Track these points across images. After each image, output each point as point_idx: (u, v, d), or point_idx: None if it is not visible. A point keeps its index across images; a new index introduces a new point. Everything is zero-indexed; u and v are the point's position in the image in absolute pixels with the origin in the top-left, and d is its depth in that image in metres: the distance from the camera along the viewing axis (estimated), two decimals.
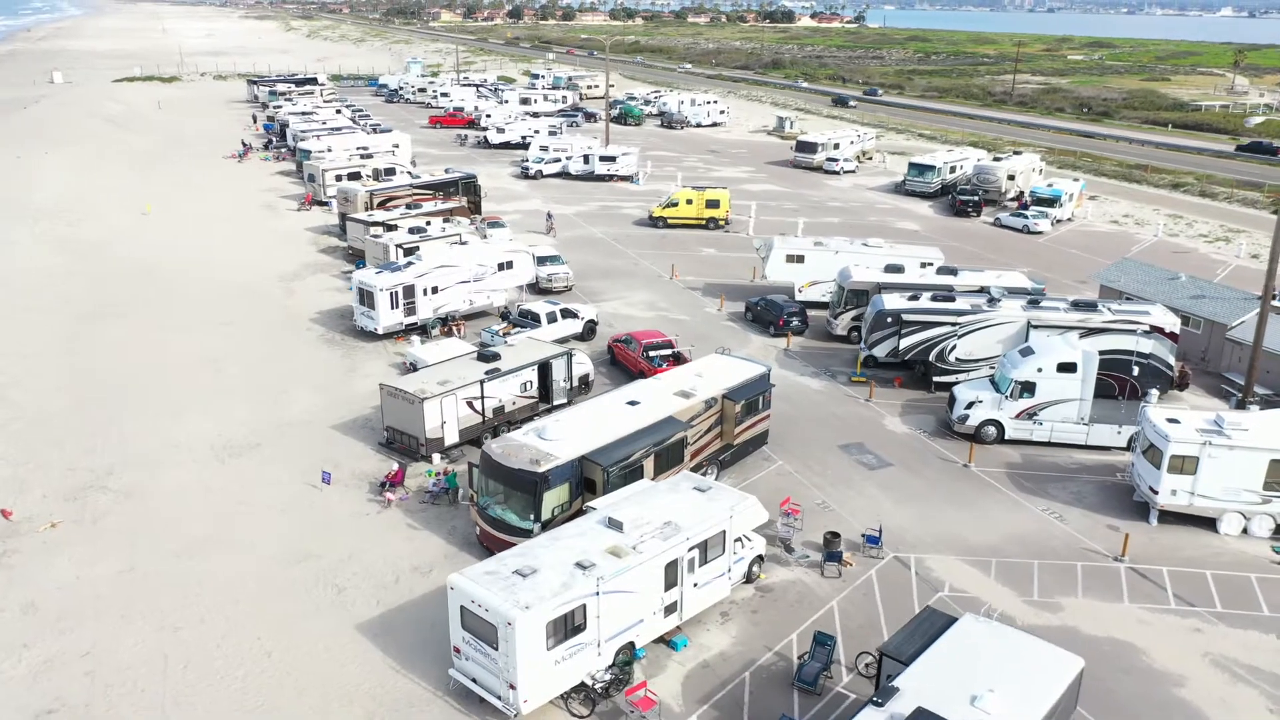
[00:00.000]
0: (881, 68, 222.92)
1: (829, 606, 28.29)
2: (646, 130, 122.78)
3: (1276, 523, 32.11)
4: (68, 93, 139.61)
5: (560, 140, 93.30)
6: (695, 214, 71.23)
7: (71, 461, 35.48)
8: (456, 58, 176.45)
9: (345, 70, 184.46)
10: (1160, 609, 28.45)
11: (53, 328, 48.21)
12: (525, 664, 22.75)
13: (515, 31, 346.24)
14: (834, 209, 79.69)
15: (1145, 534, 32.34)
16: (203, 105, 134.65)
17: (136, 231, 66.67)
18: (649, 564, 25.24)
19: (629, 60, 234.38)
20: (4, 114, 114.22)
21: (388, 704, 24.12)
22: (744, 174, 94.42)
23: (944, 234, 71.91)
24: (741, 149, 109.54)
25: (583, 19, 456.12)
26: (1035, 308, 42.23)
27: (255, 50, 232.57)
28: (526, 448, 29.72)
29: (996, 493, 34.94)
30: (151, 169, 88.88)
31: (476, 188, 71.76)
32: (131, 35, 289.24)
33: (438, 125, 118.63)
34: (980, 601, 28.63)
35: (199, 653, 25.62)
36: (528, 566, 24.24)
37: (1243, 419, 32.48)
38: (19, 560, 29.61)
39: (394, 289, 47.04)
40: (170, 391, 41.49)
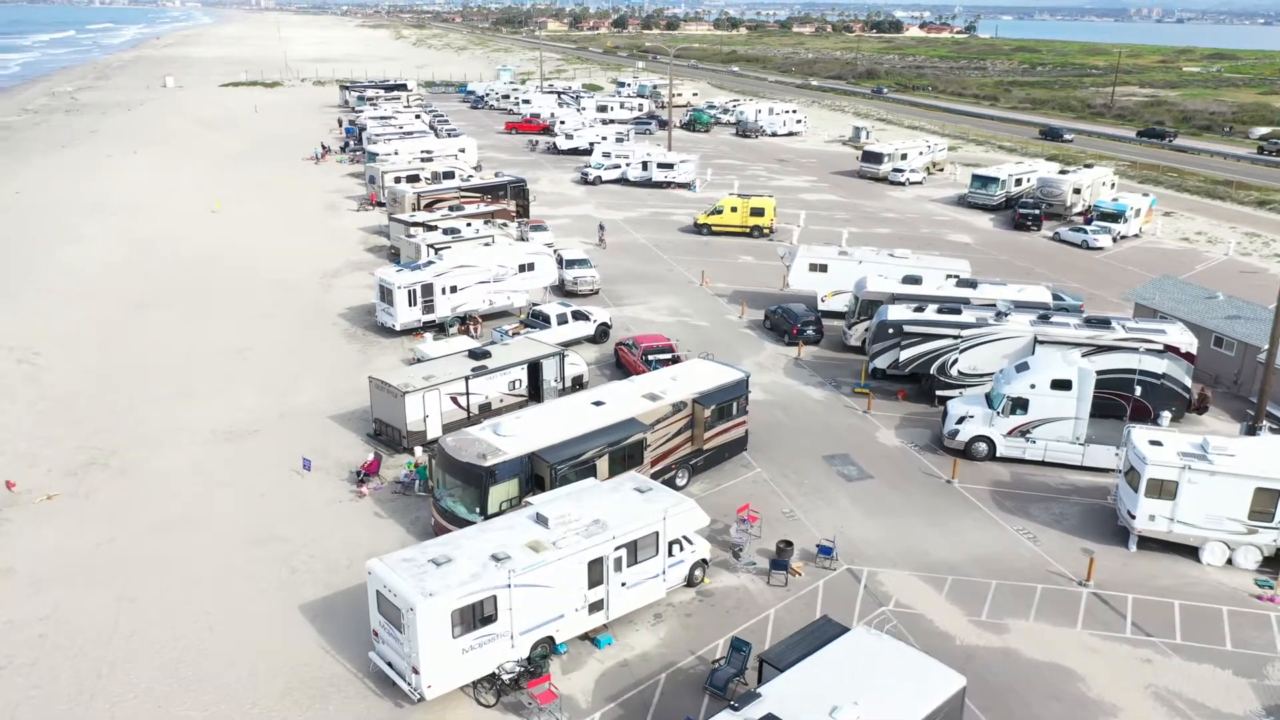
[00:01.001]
0: (980, 79, 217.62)
1: (765, 615, 28.06)
2: (716, 138, 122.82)
3: (1264, 555, 30.47)
4: (173, 96, 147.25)
5: (623, 147, 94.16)
6: (740, 222, 71.05)
7: (82, 440, 37.65)
8: (542, 66, 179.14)
9: (440, 77, 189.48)
10: (1113, 637, 27.35)
11: (99, 316, 51.08)
12: (428, 649, 23.29)
13: (616, 41, 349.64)
14: (888, 220, 78.40)
15: (1120, 560, 31.10)
16: (297, 109, 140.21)
17: (201, 228, 70.02)
18: (569, 560, 25.52)
19: (721, 69, 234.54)
20: (109, 115, 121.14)
21: (309, 682, 24.97)
22: (805, 183, 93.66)
23: (998, 248, 70.08)
24: (811, 159, 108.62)
25: (686, 28, 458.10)
26: (1044, 323, 40.94)
27: (362, 57, 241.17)
28: (477, 442, 30.35)
29: (974, 510, 34.04)
30: (232, 169, 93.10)
31: (525, 191, 73.08)
32: (249, 43, 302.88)
33: (513, 131, 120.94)
34: (924, 618, 28.01)
35: (147, 622, 26.96)
36: (444, 556, 24.81)
37: (1229, 444, 30.92)
38: (11, 528, 31.62)
39: (412, 287, 48.38)
40: (190, 378, 43.58)
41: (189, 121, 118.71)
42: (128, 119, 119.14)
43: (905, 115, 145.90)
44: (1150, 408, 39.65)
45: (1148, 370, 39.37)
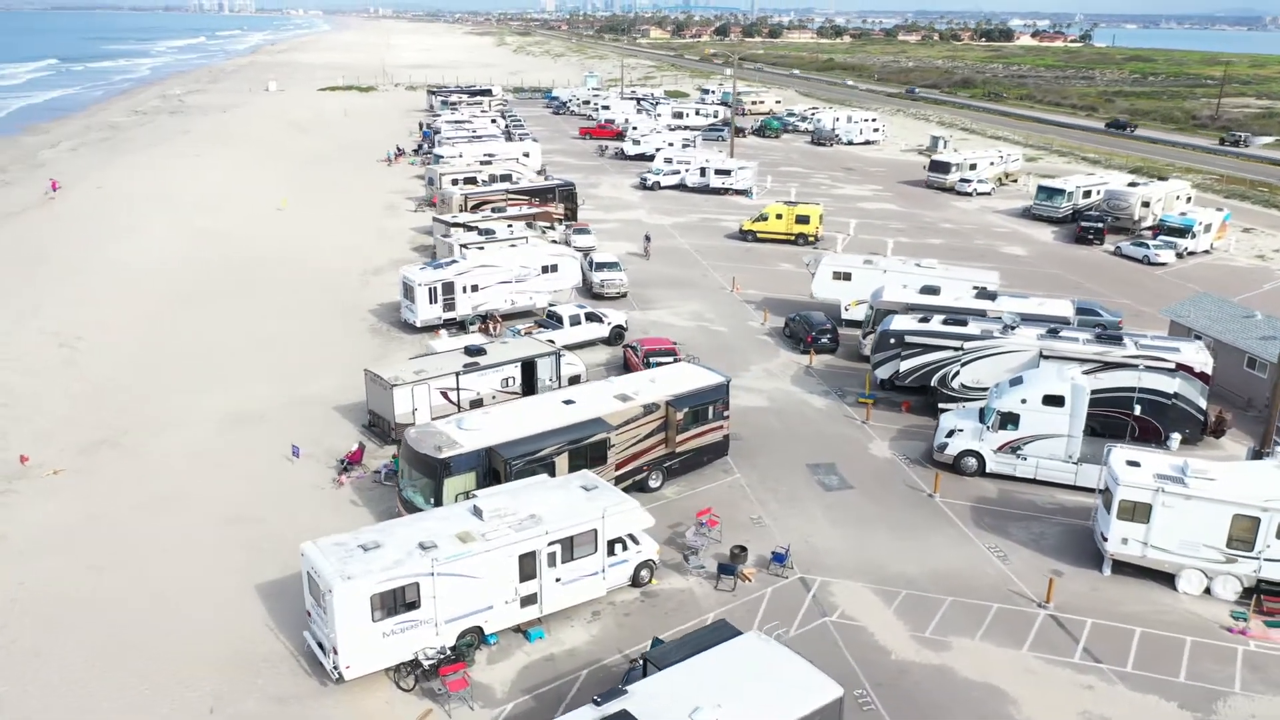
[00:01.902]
0: (1084, 88, 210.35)
1: (704, 618, 27.96)
2: (788, 146, 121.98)
3: (1243, 586, 28.97)
4: (272, 100, 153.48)
5: (685, 153, 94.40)
6: (785, 229, 70.54)
7: (100, 421, 39.81)
8: (624, 72, 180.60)
9: (532, 83, 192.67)
10: (1058, 661, 26.42)
11: (146, 305, 53.81)
12: (346, 631, 24.04)
13: (715, 49, 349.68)
14: (944, 231, 76.72)
15: (1091, 583, 29.98)
16: (385, 113, 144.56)
17: (263, 224, 73.00)
18: (498, 552, 25.96)
19: (814, 77, 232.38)
20: (206, 117, 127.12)
21: (246, 657, 25.98)
22: (867, 192, 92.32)
23: (1052, 261, 67.93)
24: (882, 167, 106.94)
25: (789, 36, 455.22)
26: (1052, 337, 39.65)
27: (461, 63, 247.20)
28: (437, 435, 31.09)
29: (949, 526, 33.23)
30: (308, 169, 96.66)
31: (573, 195, 73.98)
32: (358, 49, 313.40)
33: (587, 136, 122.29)
34: (865, 631, 27.56)
35: (106, 591, 28.43)
36: (374, 541, 25.55)
37: (1211, 468, 29.49)
38: (15, 499, 33.71)
39: (433, 285, 49.62)
40: (214, 366, 45.57)
41: (278, 123, 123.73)
42: (221, 120, 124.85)
43: (990, 125, 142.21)
44: (1160, 428, 38.05)
45: (1156, 389, 37.77)
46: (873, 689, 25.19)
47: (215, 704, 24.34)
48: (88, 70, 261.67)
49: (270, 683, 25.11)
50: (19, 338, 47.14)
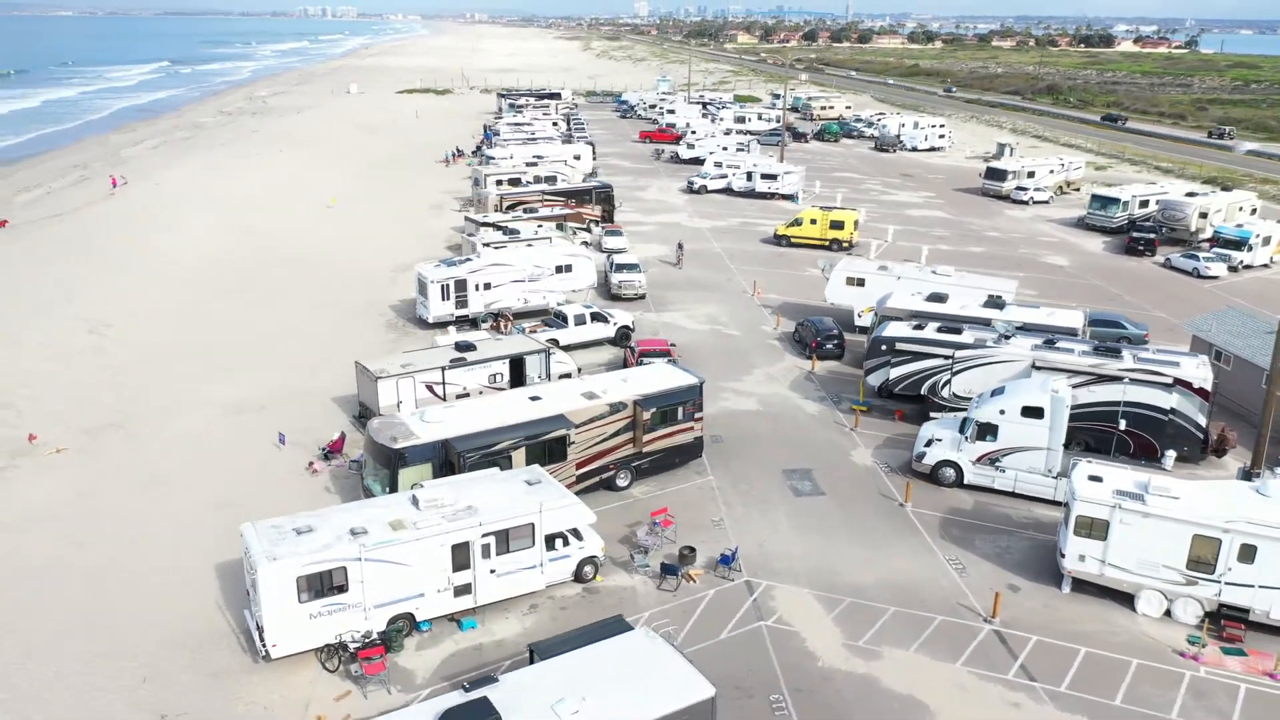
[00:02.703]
0: (1177, 96, 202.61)
1: (639, 617, 28.05)
2: (850, 151, 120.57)
3: (1205, 609, 27.82)
4: (350, 102, 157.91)
5: (735, 157, 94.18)
6: (819, 234, 69.88)
7: (112, 405, 41.75)
8: (690, 76, 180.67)
9: (612, 87, 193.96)
10: (991, 677, 25.78)
11: (180, 299, 56.07)
12: (272, 611, 24.87)
13: (799, 54, 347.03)
14: (987, 239, 75.02)
15: (1046, 600, 29.16)
16: (456, 115, 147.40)
17: (309, 222, 75.32)
18: (429, 542, 26.52)
19: (893, 83, 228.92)
20: (283, 118, 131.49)
21: (191, 634, 27.00)
22: (919, 199, 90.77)
23: (1096, 272, 65.87)
24: (941, 174, 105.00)
25: (879, 41, 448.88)
26: (1047, 348, 38.57)
27: (542, 68, 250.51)
28: (396, 426, 31.85)
29: (913, 536, 32.65)
30: (366, 169, 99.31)
31: (610, 196, 74.52)
32: (445, 54, 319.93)
33: (647, 140, 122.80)
34: (798, 636, 27.33)
35: (79, 565, 29.87)
36: (308, 526, 26.37)
37: (1174, 486, 28.38)
38: (15, 475, 35.64)
39: (445, 282, 50.65)
40: (230, 356, 47.30)
41: (348, 125, 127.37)
42: (294, 121, 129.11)
43: (1064, 132, 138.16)
44: (1156, 445, 36.72)
45: (1151, 405, 36.45)
46: (790, 694, 24.98)
47: (150, 675, 25.41)
48: (194, 73, 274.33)
49: (207, 658, 26.08)
50: (52, 324, 49.69)
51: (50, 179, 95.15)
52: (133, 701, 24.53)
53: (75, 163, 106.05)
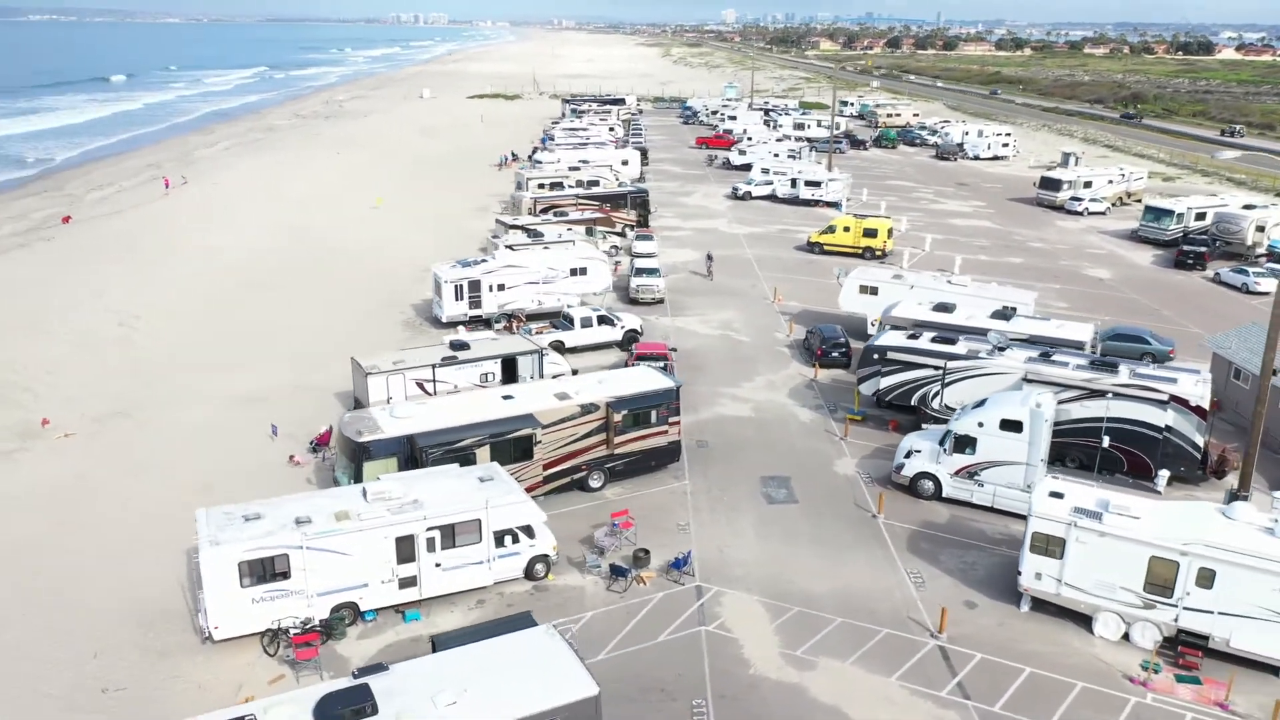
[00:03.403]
0: (1268, 105, 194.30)
1: (581, 617, 28.25)
2: (909, 159, 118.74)
3: (1164, 635, 26.82)
4: (420, 106, 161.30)
5: (784, 164, 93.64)
6: (852, 242, 69.08)
7: (126, 393, 43.51)
8: (753, 82, 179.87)
9: (680, 93, 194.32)
10: (923, 692, 25.27)
11: (213, 295, 58.06)
12: (214, 594, 25.74)
13: (879, 61, 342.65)
14: (1030, 250, 73.16)
15: (1001, 618, 28.44)
16: (520, 120, 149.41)
17: (352, 222, 77.24)
18: (373, 533, 27.11)
19: (970, 90, 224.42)
20: (350, 121, 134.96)
21: (149, 612, 28.01)
22: (968, 208, 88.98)
23: (1140, 286, 63.77)
24: (999, 184, 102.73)
25: (965, 49, 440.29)
26: (1041, 361, 37.58)
27: (616, 74, 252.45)
28: (365, 420, 32.60)
29: (878, 548, 32.14)
30: (421, 171, 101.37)
31: (645, 201, 74.83)
32: (524, 59, 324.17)
33: (704, 146, 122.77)
34: (735, 643, 27.18)
35: (60, 544, 31.19)
36: (257, 513, 27.19)
37: (1135, 505, 27.42)
38: (22, 456, 37.47)
39: (459, 282, 51.53)
40: (247, 351, 48.83)
41: (411, 128, 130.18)
42: (360, 125, 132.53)
43: (1136, 142, 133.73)
44: (1150, 464, 35.49)
45: (1144, 422, 35.25)
46: (714, 700, 24.87)
47: (102, 650, 26.49)
48: (288, 77, 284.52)
49: (158, 637, 27.07)
50: (84, 315, 51.98)
51: (124, 178, 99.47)
52: (80, 674, 25.60)
53: (151, 163, 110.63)
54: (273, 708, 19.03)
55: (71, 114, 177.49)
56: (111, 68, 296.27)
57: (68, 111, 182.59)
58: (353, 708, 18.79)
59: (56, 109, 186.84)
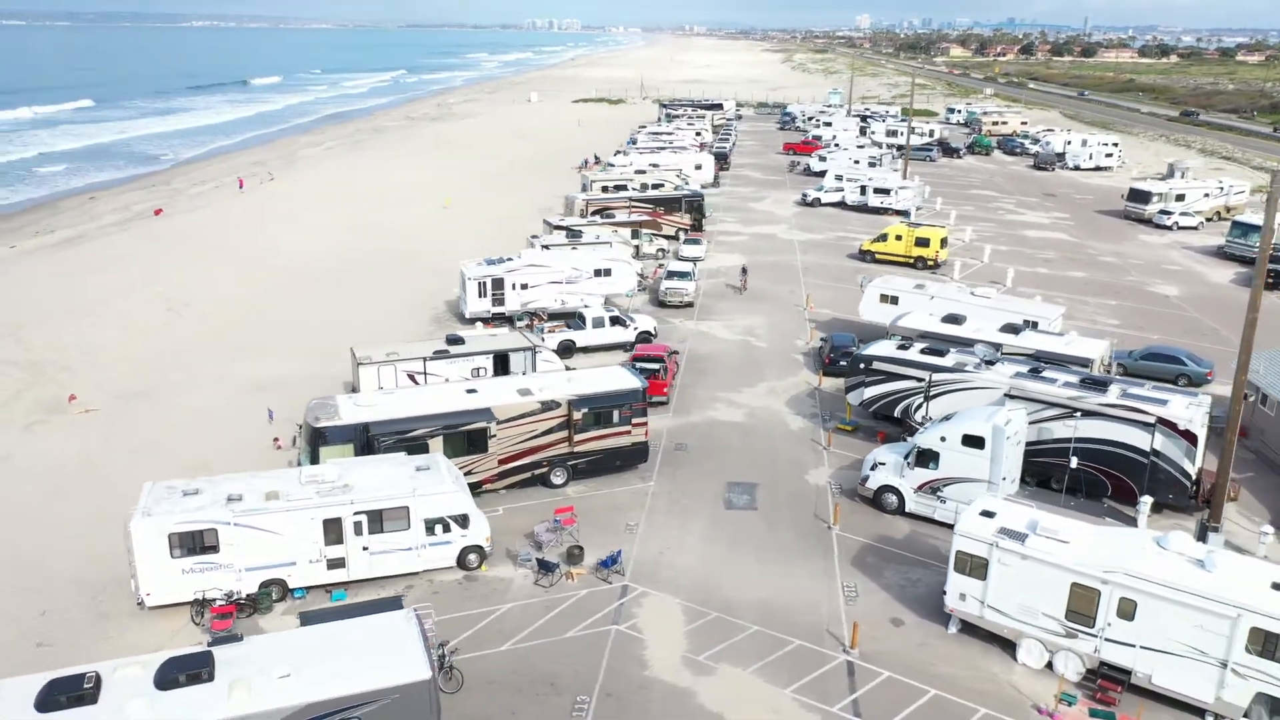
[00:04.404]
0: None
1: (500, 608, 28.71)
2: (999, 168, 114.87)
3: (1086, 666, 25.50)
4: (522, 109, 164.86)
5: (860, 171, 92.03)
6: (904, 251, 67.43)
7: (152, 375, 46.22)
8: (851, 88, 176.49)
9: (786, 98, 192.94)
10: (815, 706, 24.73)
11: (264, 287, 60.95)
12: (144, 563, 27.26)
13: (1006, 68, 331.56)
14: (1100, 264, 69.90)
15: (925, 637, 27.54)
16: (616, 124, 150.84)
17: (418, 221, 79.73)
18: (300, 514, 28.20)
19: (1103, 99, 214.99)
20: (447, 124, 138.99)
21: (102, 578, 29.72)
22: (1048, 219, 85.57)
23: (1206, 305, 60.22)
24: (1090, 195, 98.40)
25: (1105, 55, 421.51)
26: (1028, 377, 36.08)
27: (730, 79, 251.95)
28: (326, 407, 33.84)
29: (822, 559, 31.52)
30: (501, 172, 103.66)
31: (700, 206, 74.80)
32: (643, 64, 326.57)
33: (790, 152, 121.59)
34: (642, 643, 27.16)
35: (48, 510, 33.47)
36: (196, 489, 28.66)
37: (1063, 528, 26.13)
38: (41, 428, 40.31)
39: (483, 279, 52.76)
40: (278, 340, 51.13)
41: (505, 131, 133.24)
42: (458, 127, 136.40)
43: (1258, 154, 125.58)
44: (1135, 489, 33.68)
45: (1129, 445, 33.48)
46: (600, 698, 24.95)
47: (51, 609, 28.40)
48: (419, 81, 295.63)
49: (105, 601, 28.82)
50: (136, 301, 55.35)
51: (226, 175, 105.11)
52: (25, 629, 27.51)
53: (256, 161, 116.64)
54: (121, 668, 20.13)
55: (209, 115, 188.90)
56: (260, 71, 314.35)
57: (205, 112, 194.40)
58: (189, 673, 19.73)
59: (194, 109, 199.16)
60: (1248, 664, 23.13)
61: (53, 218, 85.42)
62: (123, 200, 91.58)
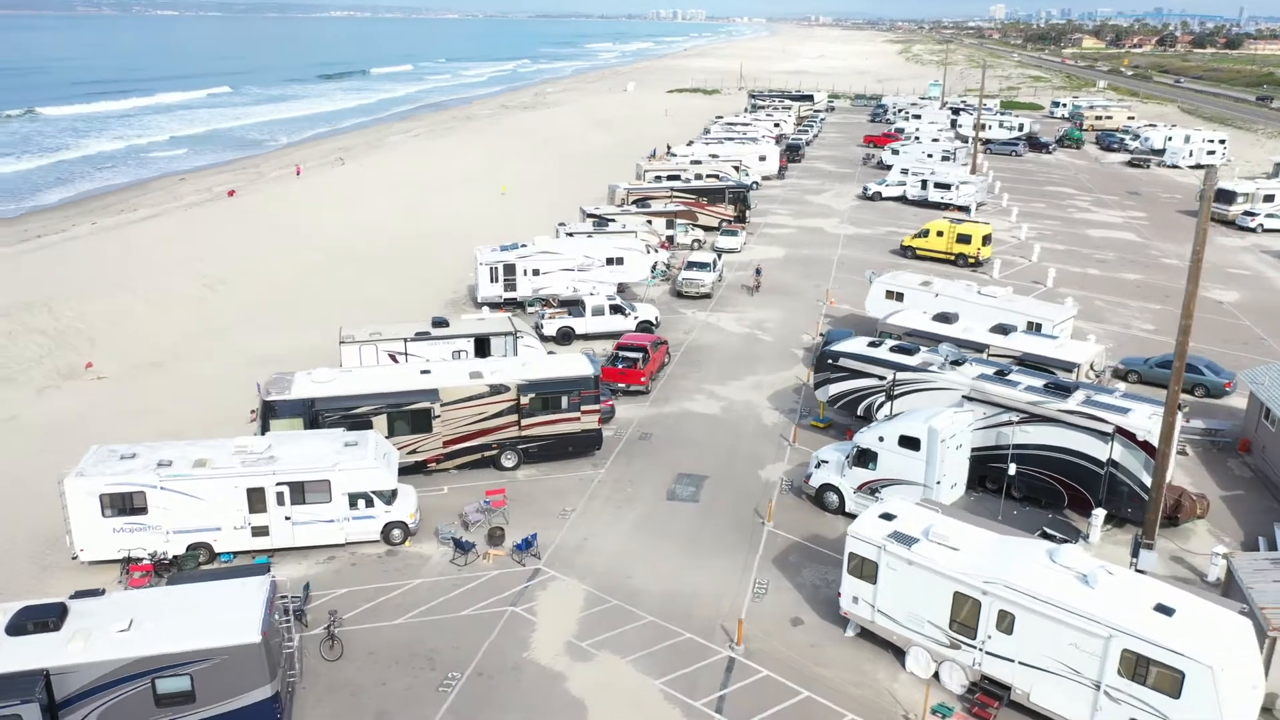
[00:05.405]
0: None
1: (410, 583, 29.42)
2: (1081, 163, 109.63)
3: (970, 679, 24.58)
4: (614, 99, 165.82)
5: (921, 164, 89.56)
6: (944, 247, 65.41)
7: (172, 346, 48.72)
8: (945, 81, 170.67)
9: (902, 90, 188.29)
10: (680, 700, 24.55)
11: (303, 265, 63.34)
12: (77, 520, 28.96)
13: (1137, 60, 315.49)
14: (1158, 267, 66.34)
15: (818, 638, 27.00)
16: (704, 115, 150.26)
17: (472, 207, 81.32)
18: (224, 482, 29.47)
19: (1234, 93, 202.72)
20: (535, 112, 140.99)
21: (57, 533, 31.66)
22: (1120, 219, 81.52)
23: (1262, 314, 56.56)
24: (1178, 194, 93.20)
25: (1254, 47, 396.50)
26: (990, 379, 34.74)
27: (837, 71, 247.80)
28: (282, 381, 35.13)
29: (744, 555, 31.14)
30: (569, 160, 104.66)
31: (745, 197, 74.09)
32: (754, 55, 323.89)
33: (870, 144, 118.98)
34: (533, 625, 27.46)
35: (37, 470, 35.60)
36: (134, 453, 30.23)
37: (953, 534, 25.19)
38: (53, 393, 43.05)
39: (494, 265, 53.68)
40: (297, 316, 53.17)
41: (586, 120, 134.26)
42: (540, 116, 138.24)
43: None
44: (1091, 500, 32.17)
45: (1085, 454, 31.96)
46: (471, 677, 25.35)
47: (1, 557, 30.47)
48: (537, 70, 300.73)
49: (50, 555, 30.68)
50: (173, 275, 58.22)
51: (311, 159, 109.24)
52: None
53: (344, 146, 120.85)
54: None
55: (323, 102, 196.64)
56: (391, 60, 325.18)
57: (319, 100, 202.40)
58: (37, 621, 21.00)
59: (309, 97, 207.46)
60: (1119, 687, 21.93)
61: (140, 196, 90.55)
62: (208, 182, 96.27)
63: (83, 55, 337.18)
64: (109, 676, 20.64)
